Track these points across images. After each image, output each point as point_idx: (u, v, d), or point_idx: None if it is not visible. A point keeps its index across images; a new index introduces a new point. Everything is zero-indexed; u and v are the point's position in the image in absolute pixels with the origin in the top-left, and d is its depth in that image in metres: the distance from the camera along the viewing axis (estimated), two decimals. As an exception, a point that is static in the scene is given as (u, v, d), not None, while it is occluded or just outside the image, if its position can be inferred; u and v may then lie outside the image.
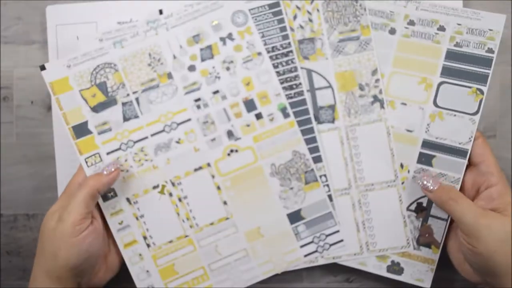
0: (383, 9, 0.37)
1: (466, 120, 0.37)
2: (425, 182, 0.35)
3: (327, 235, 0.38)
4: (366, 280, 0.40)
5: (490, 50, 0.36)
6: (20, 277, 0.41)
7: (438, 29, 0.37)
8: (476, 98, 0.37)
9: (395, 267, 0.38)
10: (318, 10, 0.38)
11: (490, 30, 0.36)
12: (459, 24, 0.37)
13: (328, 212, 0.37)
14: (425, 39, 0.37)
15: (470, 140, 0.36)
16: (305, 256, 0.37)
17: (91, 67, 0.36)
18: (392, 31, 0.37)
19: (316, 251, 0.38)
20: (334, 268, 0.39)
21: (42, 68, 0.36)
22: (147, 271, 0.37)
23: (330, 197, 0.38)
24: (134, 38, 0.36)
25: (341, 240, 0.38)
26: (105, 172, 0.34)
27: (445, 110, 0.37)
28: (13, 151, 0.40)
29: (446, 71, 0.37)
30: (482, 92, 0.36)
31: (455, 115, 0.37)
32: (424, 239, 0.37)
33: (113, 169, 0.35)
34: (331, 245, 0.38)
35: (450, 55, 0.37)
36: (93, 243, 0.34)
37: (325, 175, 0.38)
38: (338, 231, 0.37)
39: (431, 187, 0.35)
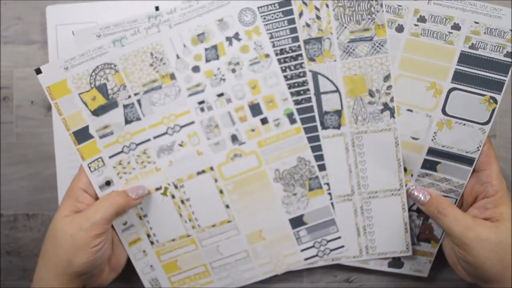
0: (390, 3, 0.36)
1: (475, 129, 0.36)
2: (415, 194, 0.37)
3: (328, 241, 0.39)
4: (366, 280, 0.42)
5: (509, 54, 0.35)
6: (20, 277, 0.42)
7: (452, 27, 0.35)
8: (489, 107, 0.36)
9: (395, 263, 0.40)
10: (327, 6, 0.36)
11: None
12: (476, 23, 0.35)
13: (331, 219, 0.39)
14: (437, 39, 0.36)
15: (478, 149, 0.36)
16: (305, 259, 0.39)
17: (90, 68, 0.36)
18: (400, 29, 0.36)
19: (316, 255, 0.39)
20: (334, 268, 0.41)
21: (38, 71, 0.35)
22: (151, 265, 0.39)
23: (331, 205, 0.39)
24: (134, 36, 0.36)
25: (342, 246, 0.39)
26: (133, 196, 0.36)
27: (454, 119, 0.36)
28: (13, 151, 0.41)
29: (458, 76, 0.36)
30: (495, 101, 0.36)
31: (464, 124, 0.36)
32: (424, 235, 0.39)
33: (140, 193, 0.36)
34: (331, 250, 0.39)
35: (464, 58, 0.36)
36: (107, 249, 0.35)
37: (328, 184, 0.38)
38: (339, 237, 0.39)
39: (423, 199, 0.36)
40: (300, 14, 0.36)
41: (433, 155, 0.38)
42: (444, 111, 0.37)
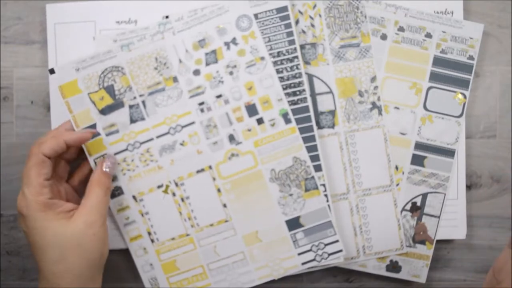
0: (374, 15, 0.43)
1: (452, 122, 0.43)
2: None
3: (326, 244, 0.42)
4: (366, 280, 0.45)
5: (471, 57, 0.43)
6: (20, 277, 0.44)
7: (425, 36, 0.43)
8: (460, 102, 0.43)
9: (393, 266, 0.44)
10: (320, 16, 0.43)
11: (471, 38, 0.43)
12: (444, 32, 0.43)
13: (328, 221, 0.42)
14: (414, 46, 0.43)
15: (457, 141, 0.43)
16: (303, 264, 0.42)
17: (99, 70, 0.41)
18: (384, 37, 0.43)
19: (314, 259, 0.42)
20: (334, 268, 0.44)
21: (52, 72, 0.41)
22: (151, 264, 0.42)
23: (328, 207, 0.42)
24: (141, 42, 0.41)
25: (340, 250, 0.42)
26: (107, 170, 0.39)
27: (434, 113, 0.43)
28: (13, 151, 0.44)
29: (434, 77, 0.43)
30: (465, 96, 0.43)
31: (442, 118, 0.43)
32: (419, 236, 0.43)
33: (109, 165, 0.40)
34: (329, 254, 0.42)
35: (437, 61, 0.43)
36: None
37: (324, 185, 0.42)
38: (337, 241, 0.42)
39: None
40: (297, 22, 0.43)
41: (420, 149, 0.43)
42: (425, 107, 0.44)
